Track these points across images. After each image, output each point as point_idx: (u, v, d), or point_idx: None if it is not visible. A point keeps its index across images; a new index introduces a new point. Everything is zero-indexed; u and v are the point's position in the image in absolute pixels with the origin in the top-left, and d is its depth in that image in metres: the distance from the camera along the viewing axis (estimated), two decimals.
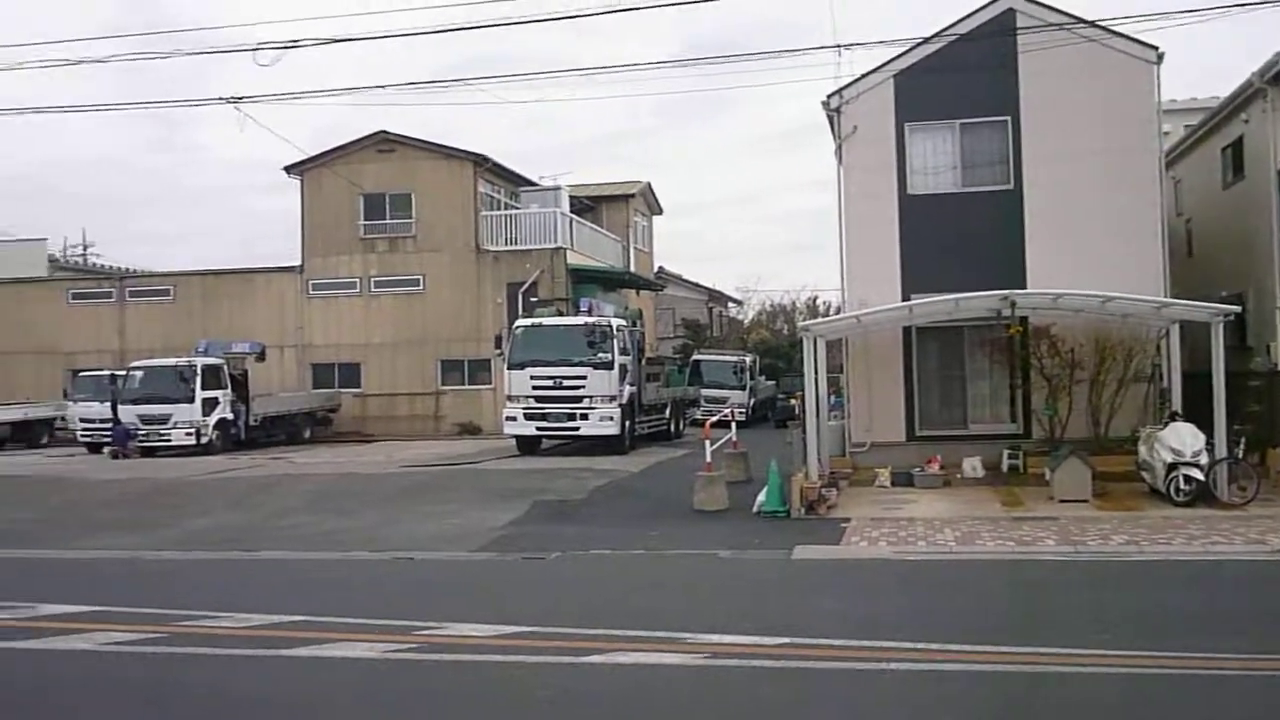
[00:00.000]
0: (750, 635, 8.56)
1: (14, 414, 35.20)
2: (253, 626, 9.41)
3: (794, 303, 60.44)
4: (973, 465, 18.59)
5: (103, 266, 53.80)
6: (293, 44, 15.20)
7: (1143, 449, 16.66)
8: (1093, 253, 18.86)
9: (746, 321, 62.43)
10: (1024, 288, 18.33)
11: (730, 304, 62.91)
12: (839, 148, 20.56)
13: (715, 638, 8.54)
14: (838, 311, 22.75)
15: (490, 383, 34.01)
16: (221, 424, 30.34)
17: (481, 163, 36.24)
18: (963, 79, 19.51)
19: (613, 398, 25.34)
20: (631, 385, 26.50)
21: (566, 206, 37.36)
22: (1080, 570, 11.69)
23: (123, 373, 31.56)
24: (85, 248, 63.05)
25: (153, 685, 7.90)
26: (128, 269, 49.27)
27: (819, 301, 56.65)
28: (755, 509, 16.14)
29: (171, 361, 30.90)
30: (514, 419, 25.88)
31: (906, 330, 19.99)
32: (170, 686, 7.85)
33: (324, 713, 7.21)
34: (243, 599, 10.81)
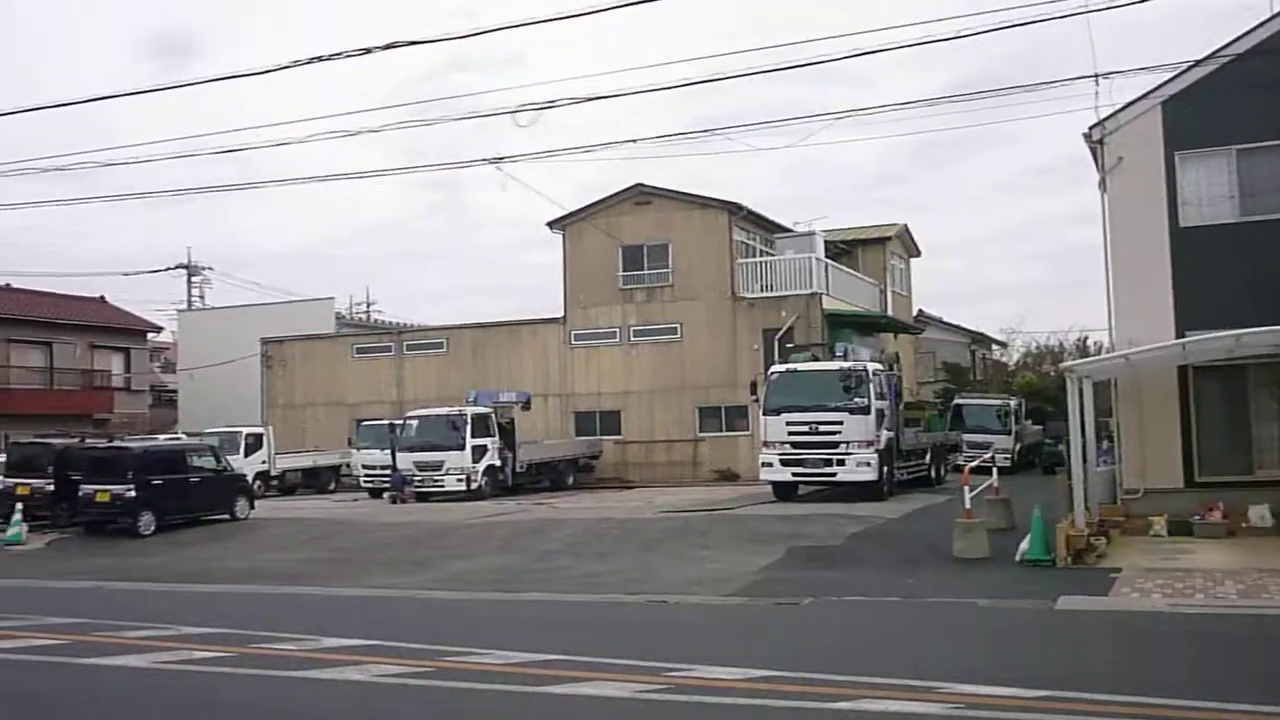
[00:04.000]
0: (1008, 686, 8.26)
1: (304, 461, 37.89)
2: (514, 664, 9.76)
3: (1061, 344, 57.96)
4: (1260, 514, 17.29)
5: (383, 322, 57.34)
6: (549, 104, 15.84)
7: None
8: None
9: (1011, 364, 60.25)
10: None
11: (993, 346, 60.93)
12: (1103, 180, 19.71)
13: (970, 688, 8.28)
14: (1108, 352, 21.75)
15: (747, 429, 34.09)
16: (490, 470, 31.61)
17: (736, 211, 36.66)
18: (1239, 102, 18.38)
19: (869, 443, 24.96)
20: (889, 430, 26.05)
21: (821, 251, 37.28)
22: None
23: (400, 422, 33.41)
24: (368, 305, 67.56)
25: (417, 716, 8.35)
26: (405, 324, 52.31)
27: (1089, 342, 54.07)
28: (1018, 557, 15.56)
29: (444, 411, 32.46)
30: (770, 465, 25.85)
31: (1182, 370, 18.86)
32: (433, 718, 8.26)
33: None
34: (506, 637, 11.24)
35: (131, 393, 50.19)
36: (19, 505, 24.37)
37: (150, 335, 54.59)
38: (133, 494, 23.59)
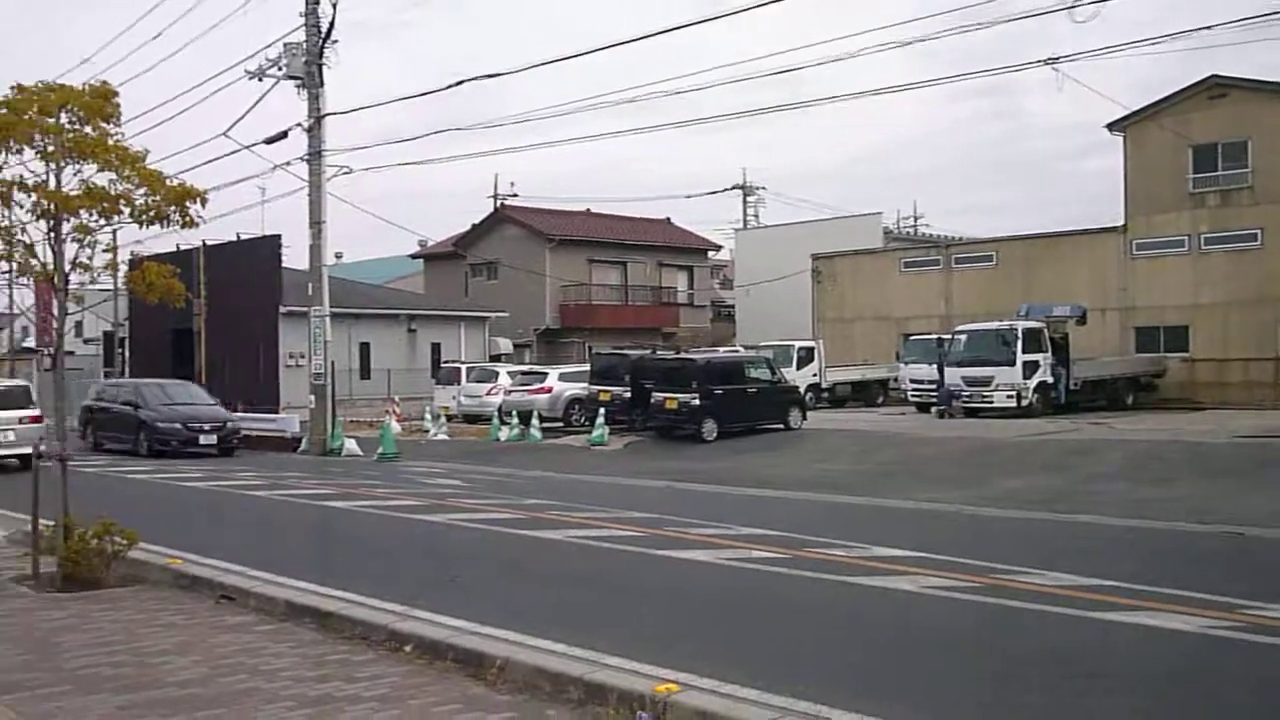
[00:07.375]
0: None
1: (853, 374, 38.80)
2: (1065, 585, 9.53)
3: None
4: None
5: (931, 236, 56.96)
6: None
7: None
8: None
9: None
10: None
11: None
12: None
13: None
14: None
15: None
16: (1041, 387, 30.55)
17: None
18: None
19: None
20: None
21: None
22: None
23: (948, 336, 33.14)
24: (915, 219, 67.38)
25: (966, 630, 8.43)
26: (953, 237, 51.59)
27: None
28: None
29: (994, 325, 31.74)
30: None
31: None
32: (982, 632, 8.31)
33: (1144, 682, 7.12)
34: (1056, 557, 10.98)
35: (694, 308, 54.01)
36: (601, 410, 27.19)
37: (710, 254, 58.27)
38: (697, 402, 25.50)
